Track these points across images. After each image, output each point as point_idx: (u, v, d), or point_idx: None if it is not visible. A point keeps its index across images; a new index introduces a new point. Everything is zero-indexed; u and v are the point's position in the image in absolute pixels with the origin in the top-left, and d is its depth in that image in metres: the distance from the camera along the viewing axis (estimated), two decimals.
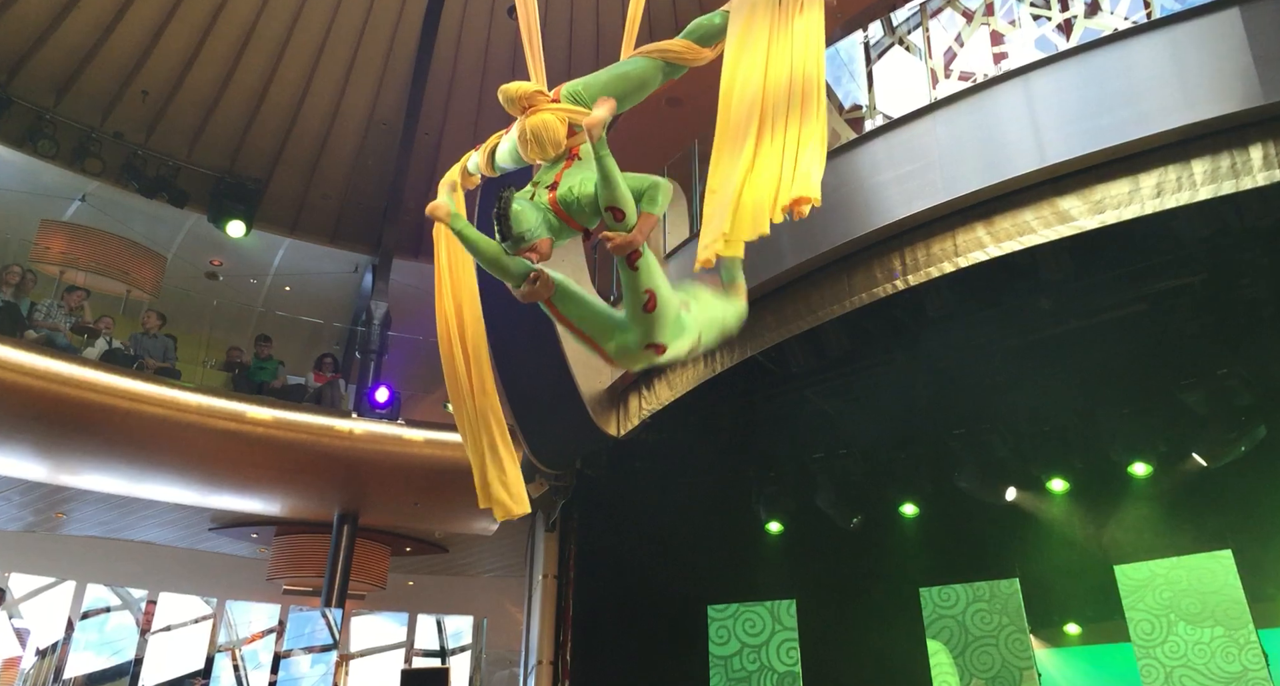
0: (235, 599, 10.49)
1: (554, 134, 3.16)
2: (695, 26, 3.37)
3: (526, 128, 3.17)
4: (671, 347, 3.07)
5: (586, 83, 3.31)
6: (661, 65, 3.36)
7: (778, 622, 9.03)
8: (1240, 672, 6.96)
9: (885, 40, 8.70)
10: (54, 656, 9.07)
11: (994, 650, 8.22)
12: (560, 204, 3.06)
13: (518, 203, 3.02)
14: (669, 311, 3.01)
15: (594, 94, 3.25)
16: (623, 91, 3.32)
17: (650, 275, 2.96)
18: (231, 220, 12.06)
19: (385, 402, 11.16)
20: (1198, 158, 5.49)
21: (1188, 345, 7.48)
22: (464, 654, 11.28)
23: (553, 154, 3.20)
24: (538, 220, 3.03)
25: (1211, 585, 7.31)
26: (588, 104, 3.22)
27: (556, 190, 3.07)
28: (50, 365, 8.93)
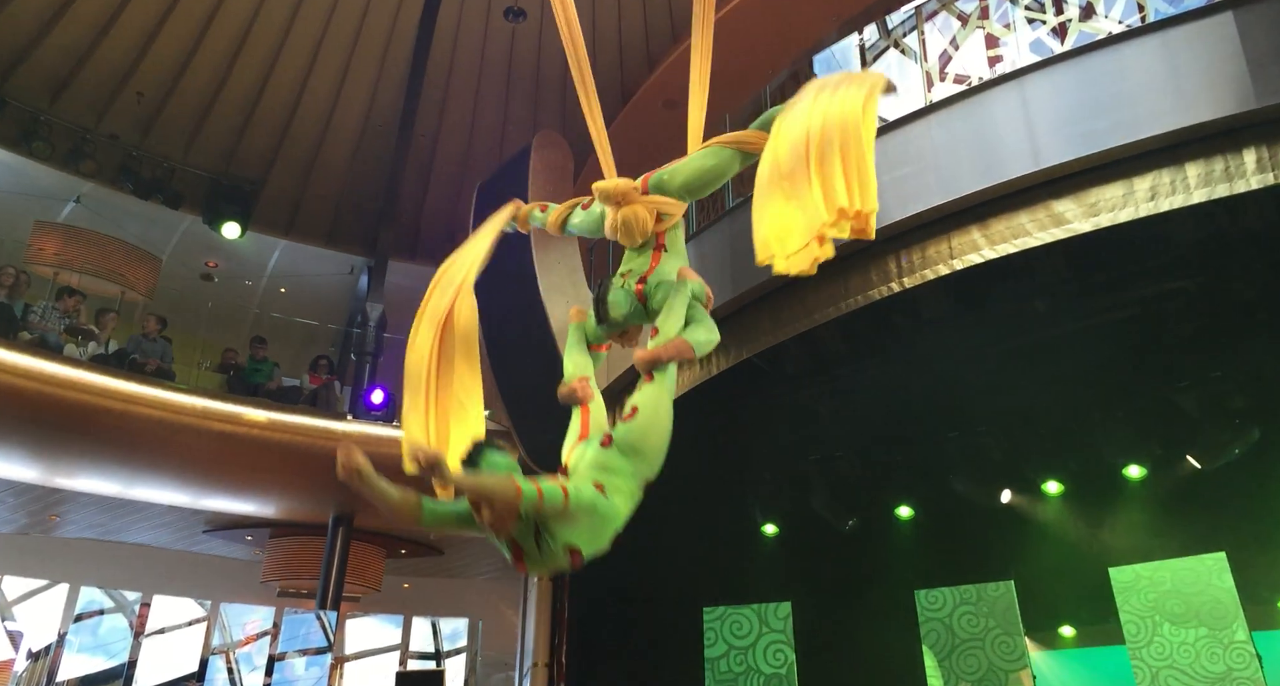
0: (230, 601, 10.46)
1: (644, 226, 3.45)
2: (769, 117, 3.51)
3: (619, 219, 3.45)
4: (633, 464, 3.03)
5: (671, 173, 3.54)
6: (738, 155, 3.55)
7: (765, 625, 9.05)
8: (1225, 673, 7.01)
9: (881, 43, 8.72)
10: (47, 659, 9.04)
11: (980, 653, 8.25)
12: (644, 295, 3.37)
13: (614, 292, 3.37)
14: (639, 432, 3.03)
15: (679, 185, 3.51)
16: (704, 182, 3.58)
17: (647, 398, 3.09)
18: (227, 222, 12.03)
19: (380, 404, 11.14)
20: (1191, 161, 5.51)
21: (1182, 348, 7.50)
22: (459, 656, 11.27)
23: (640, 242, 3.49)
24: (630, 309, 3.36)
25: (1196, 586, 7.34)
26: (671, 194, 3.49)
27: (645, 283, 3.37)
28: (44, 367, 8.90)
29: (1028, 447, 8.68)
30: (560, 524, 2.69)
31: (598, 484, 2.84)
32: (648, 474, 3.06)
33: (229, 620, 10.05)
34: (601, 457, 2.96)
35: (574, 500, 2.67)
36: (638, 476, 3.02)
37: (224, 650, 9.79)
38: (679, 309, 3.27)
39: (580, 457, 3.04)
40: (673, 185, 3.51)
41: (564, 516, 2.67)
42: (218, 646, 9.76)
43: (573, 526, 2.72)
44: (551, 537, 2.69)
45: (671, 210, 3.49)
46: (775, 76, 9.30)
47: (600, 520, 2.81)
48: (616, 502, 2.89)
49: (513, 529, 2.69)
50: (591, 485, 2.80)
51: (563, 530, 2.70)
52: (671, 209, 3.49)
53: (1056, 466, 8.68)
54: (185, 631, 9.65)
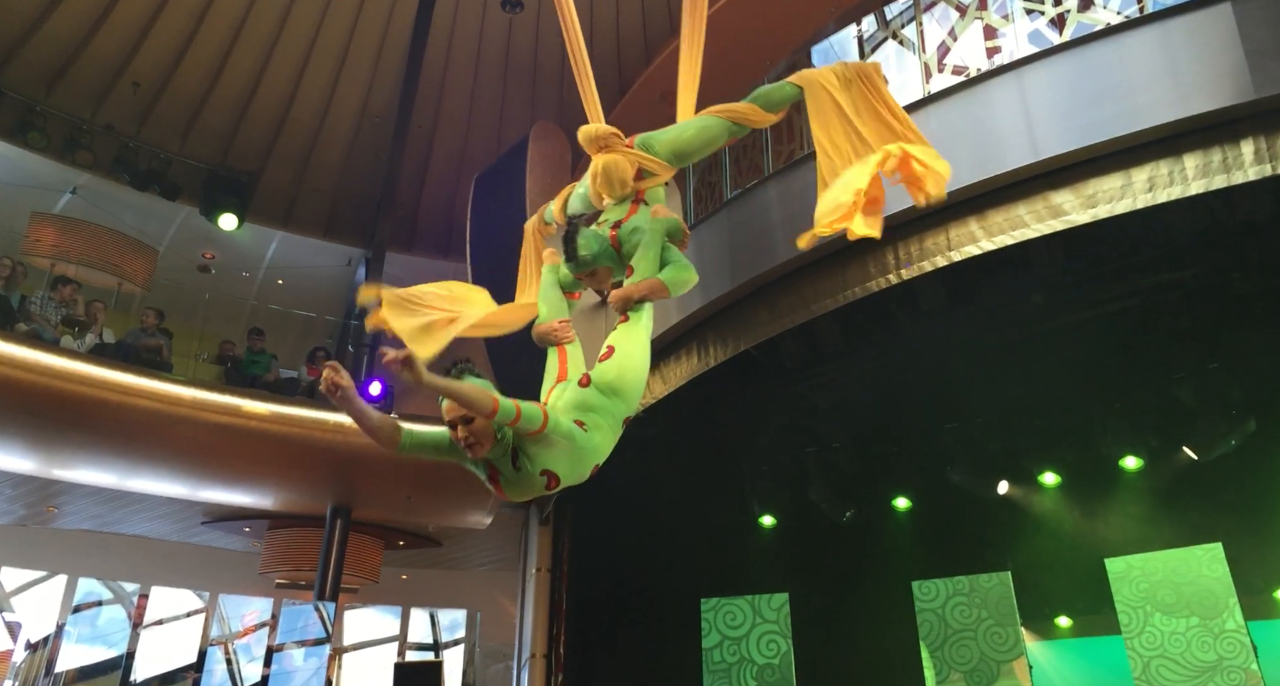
0: (228, 592, 10.46)
1: (623, 173, 3.40)
2: (763, 93, 3.51)
3: (599, 165, 3.43)
4: (598, 385, 3.02)
5: (657, 135, 3.52)
6: (729, 126, 3.51)
7: (758, 615, 9.11)
8: (1216, 662, 7.07)
9: (879, 34, 8.70)
10: (45, 650, 9.05)
11: (973, 643, 8.30)
12: (618, 240, 3.33)
13: (584, 232, 3.30)
14: (615, 371, 3.03)
15: (664, 145, 3.48)
16: (692, 150, 3.54)
17: (622, 338, 3.11)
18: (224, 213, 12.00)
19: (378, 396, 11.13)
20: (1189, 152, 5.52)
21: (1179, 339, 7.52)
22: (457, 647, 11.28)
23: (620, 193, 3.44)
24: (601, 249, 3.30)
25: (1187, 576, 7.39)
26: (657, 154, 3.46)
27: (619, 229, 3.33)
28: (41, 358, 8.89)
29: (1025, 439, 8.70)
30: (538, 447, 2.69)
31: (577, 421, 2.84)
32: (626, 411, 3.06)
33: (227, 611, 10.05)
34: (579, 397, 2.96)
35: (552, 424, 2.66)
36: (617, 414, 3.02)
37: (222, 641, 9.80)
38: (654, 248, 3.24)
39: (559, 398, 3.03)
40: (659, 146, 3.48)
41: (542, 440, 2.67)
42: (216, 637, 9.77)
43: (551, 451, 2.71)
44: (529, 460, 2.70)
45: (654, 169, 3.46)
46: (773, 68, 9.29)
47: (579, 451, 2.81)
48: (596, 439, 2.88)
49: (490, 450, 2.70)
50: (571, 422, 2.80)
51: (540, 453, 2.70)
52: (655, 168, 3.46)
53: (1053, 458, 8.70)
54: (184, 622, 9.65)
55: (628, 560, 9.58)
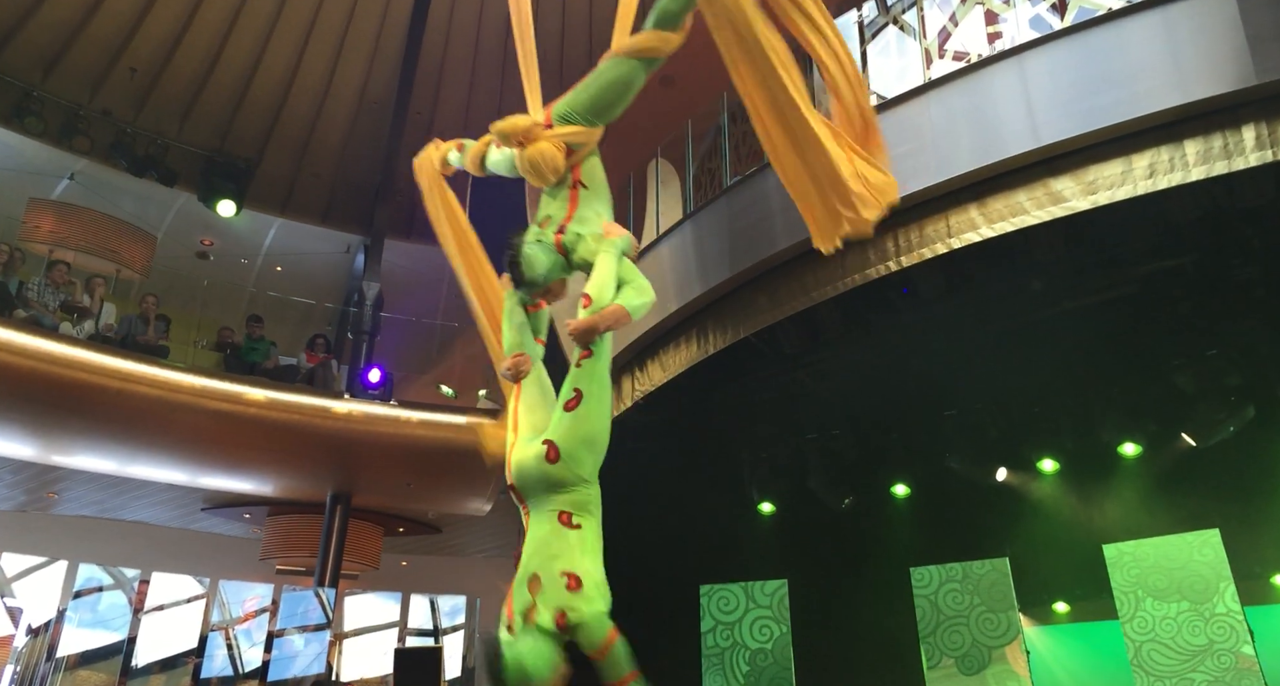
0: (228, 578, 10.50)
1: (553, 163, 3.21)
2: (659, 11, 3.29)
3: (525, 160, 3.23)
4: (565, 467, 2.91)
5: (572, 101, 3.32)
6: (640, 63, 3.31)
7: (752, 600, 9.19)
8: (1206, 645, 7.13)
9: (879, 19, 8.65)
10: (47, 635, 9.09)
11: (964, 629, 8.38)
12: (564, 247, 3.15)
13: (528, 247, 3.11)
14: (588, 421, 2.91)
15: (583, 110, 3.28)
16: (609, 100, 3.32)
17: (589, 379, 2.93)
18: (222, 200, 11.98)
19: (378, 383, 11.15)
20: (1190, 138, 5.49)
21: (1178, 326, 7.52)
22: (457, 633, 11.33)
23: (553, 180, 3.26)
24: (550, 263, 3.13)
25: (1178, 561, 7.46)
26: (579, 121, 3.26)
27: (564, 234, 3.15)
28: (40, 344, 8.89)
29: (1023, 426, 8.71)
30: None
31: (575, 523, 2.88)
32: (597, 465, 2.98)
33: (228, 597, 10.09)
34: (549, 475, 2.91)
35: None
36: (591, 478, 2.96)
37: (223, 627, 9.84)
38: (609, 271, 3.01)
39: (521, 457, 2.98)
40: (578, 111, 3.28)
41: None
42: (217, 623, 9.81)
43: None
44: None
45: (581, 139, 3.25)
46: None
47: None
48: (592, 537, 2.96)
49: None
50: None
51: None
52: (581, 138, 3.25)
53: (1052, 444, 8.71)
54: (184, 608, 9.69)
55: (626, 547, 9.54)
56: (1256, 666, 6.91)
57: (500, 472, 3.14)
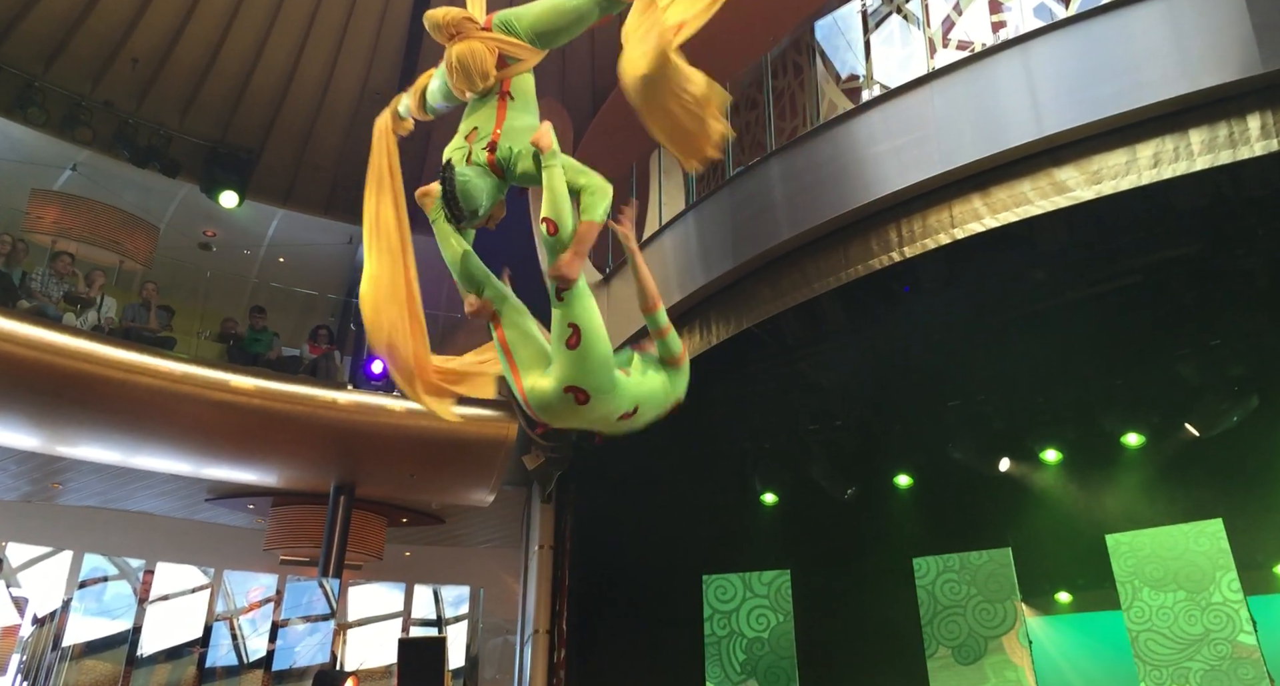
0: (233, 568, 10.55)
1: (481, 64, 3.01)
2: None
3: (453, 56, 3.03)
4: (598, 402, 2.79)
5: (519, 13, 3.12)
6: (598, 0, 3.12)
7: (749, 590, 9.24)
8: (1203, 634, 7.17)
9: (883, 9, 8.61)
10: (52, 624, 9.13)
11: (961, 619, 8.44)
12: (499, 166, 2.96)
13: (462, 173, 2.88)
14: (595, 353, 2.75)
15: (527, 25, 3.09)
16: (558, 26, 3.13)
17: (578, 309, 2.76)
18: (224, 190, 11.97)
19: (381, 374, 11.14)
20: (1195, 127, 5.47)
21: (1182, 316, 7.50)
22: (461, 623, 11.38)
23: (481, 86, 3.05)
24: (491, 190, 2.94)
25: (1174, 552, 7.49)
26: (520, 34, 3.07)
27: (496, 152, 2.95)
28: (44, 335, 8.90)
29: (1026, 416, 8.71)
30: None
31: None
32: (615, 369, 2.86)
33: (232, 587, 10.14)
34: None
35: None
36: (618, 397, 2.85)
37: (227, 616, 9.89)
38: (562, 188, 2.80)
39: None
40: (521, 23, 3.09)
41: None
42: (221, 613, 9.86)
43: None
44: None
45: (518, 54, 3.06)
46: (776, 43, 9.21)
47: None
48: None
49: None
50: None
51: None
52: (518, 52, 3.06)
53: (1055, 435, 8.71)
54: (189, 598, 9.74)
55: (630, 537, 9.62)
56: (1254, 655, 6.94)
57: (503, 463, 3.11)
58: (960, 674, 8.27)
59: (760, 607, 9.22)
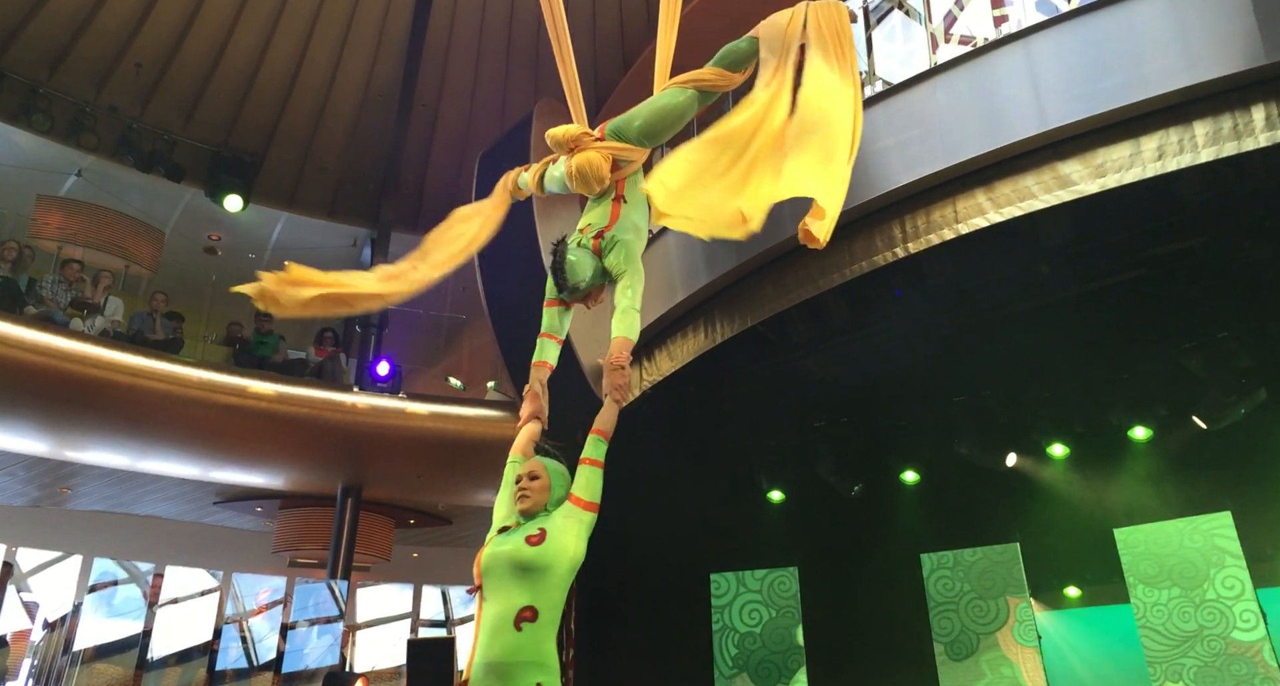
0: (241, 571, 10.58)
1: (599, 172, 3.31)
2: (726, 52, 3.45)
3: (573, 167, 3.33)
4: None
5: (628, 118, 3.43)
6: (697, 95, 3.46)
7: (742, 585, 9.28)
8: (1196, 631, 7.17)
9: (884, 5, 8.61)
10: (63, 629, 9.17)
11: (954, 615, 8.46)
12: (599, 249, 3.25)
13: (573, 252, 3.19)
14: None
15: (636, 130, 3.40)
16: (662, 126, 3.45)
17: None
18: (229, 195, 12.00)
19: (386, 376, 11.17)
20: (1199, 119, 5.45)
21: (1188, 309, 7.48)
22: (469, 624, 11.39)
23: (598, 190, 3.36)
24: (592, 269, 3.22)
25: (1170, 547, 7.50)
26: (631, 140, 3.38)
27: (601, 239, 3.26)
28: (51, 341, 8.94)
29: (1033, 411, 8.69)
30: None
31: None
32: None
33: (241, 590, 10.17)
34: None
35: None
36: None
37: (237, 619, 9.92)
38: (629, 307, 3.13)
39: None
40: (630, 130, 3.40)
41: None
42: (231, 615, 9.89)
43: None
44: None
45: (629, 156, 3.38)
46: None
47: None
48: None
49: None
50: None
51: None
52: (629, 155, 3.38)
53: (1062, 429, 8.69)
54: (198, 601, 9.77)
55: (637, 536, 9.61)
56: (1247, 652, 6.96)
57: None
58: (954, 670, 8.30)
59: (753, 602, 9.28)
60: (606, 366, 3.06)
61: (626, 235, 3.28)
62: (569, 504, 2.85)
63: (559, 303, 3.35)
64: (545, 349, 3.36)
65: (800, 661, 8.88)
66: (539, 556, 2.68)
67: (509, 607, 2.65)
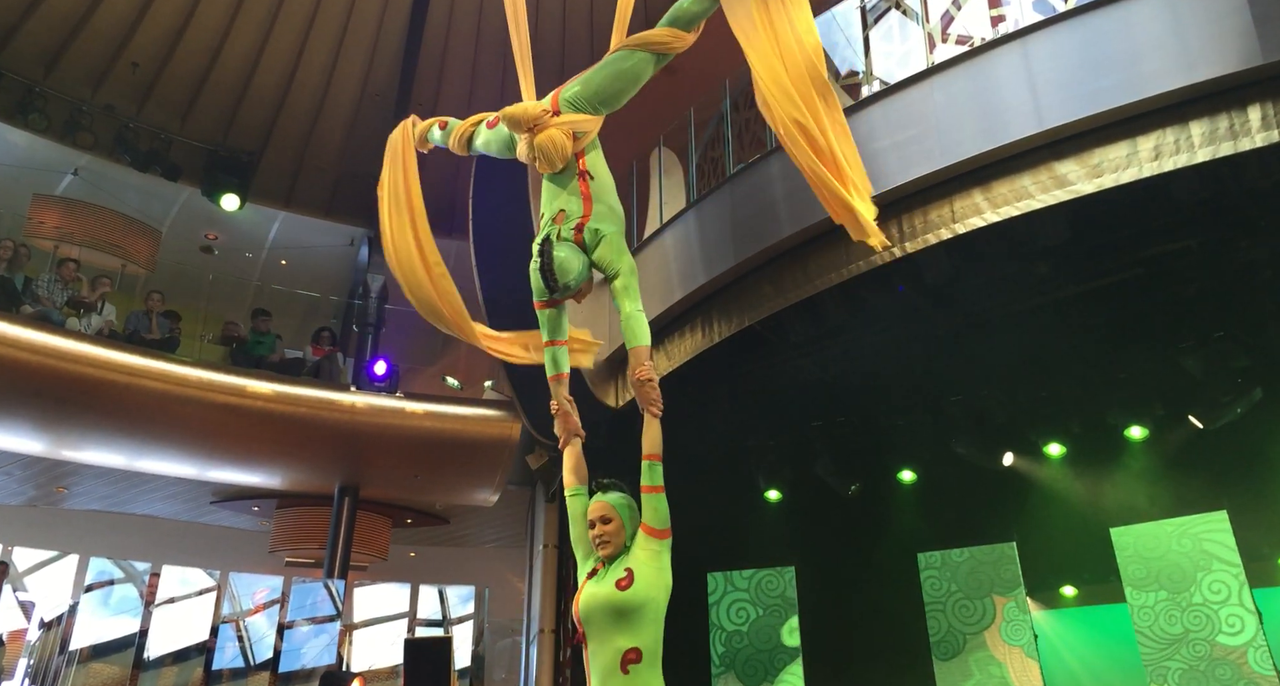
0: (238, 571, 10.56)
1: (562, 150, 3.26)
2: (677, 11, 3.38)
3: (535, 147, 3.28)
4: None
5: (581, 87, 3.37)
6: (651, 56, 3.39)
7: (729, 584, 9.31)
8: (1182, 634, 7.20)
9: (882, 4, 8.60)
10: (59, 628, 9.15)
11: (941, 616, 8.50)
12: (584, 244, 3.19)
13: (559, 249, 3.12)
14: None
15: (590, 95, 3.34)
16: (617, 90, 3.39)
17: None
18: (226, 194, 11.98)
19: (383, 375, 11.16)
20: (1196, 119, 5.46)
21: (1185, 308, 7.49)
22: (466, 623, 11.39)
23: (560, 166, 3.29)
24: (582, 263, 3.16)
25: (1158, 551, 7.52)
26: (586, 108, 3.33)
27: (583, 233, 3.19)
28: (47, 340, 8.92)
29: (1029, 410, 8.71)
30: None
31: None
32: None
33: (238, 589, 10.15)
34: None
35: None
36: None
37: (234, 619, 9.90)
38: (633, 310, 3.13)
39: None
40: (585, 97, 3.35)
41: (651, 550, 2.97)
42: (227, 615, 9.87)
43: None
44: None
45: (587, 127, 3.33)
46: None
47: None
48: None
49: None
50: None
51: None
52: (587, 125, 3.32)
53: (1058, 428, 8.72)
54: (195, 600, 9.76)
55: None
56: (1231, 656, 6.98)
57: (507, 462, 3.24)
58: (942, 670, 8.33)
59: (740, 601, 9.33)
60: (633, 382, 3.07)
61: (608, 226, 3.21)
62: (643, 535, 2.92)
63: (549, 304, 3.28)
64: (558, 359, 3.33)
65: (786, 660, 8.91)
66: (632, 598, 2.76)
67: (614, 652, 2.71)
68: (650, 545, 2.89)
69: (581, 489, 3.12)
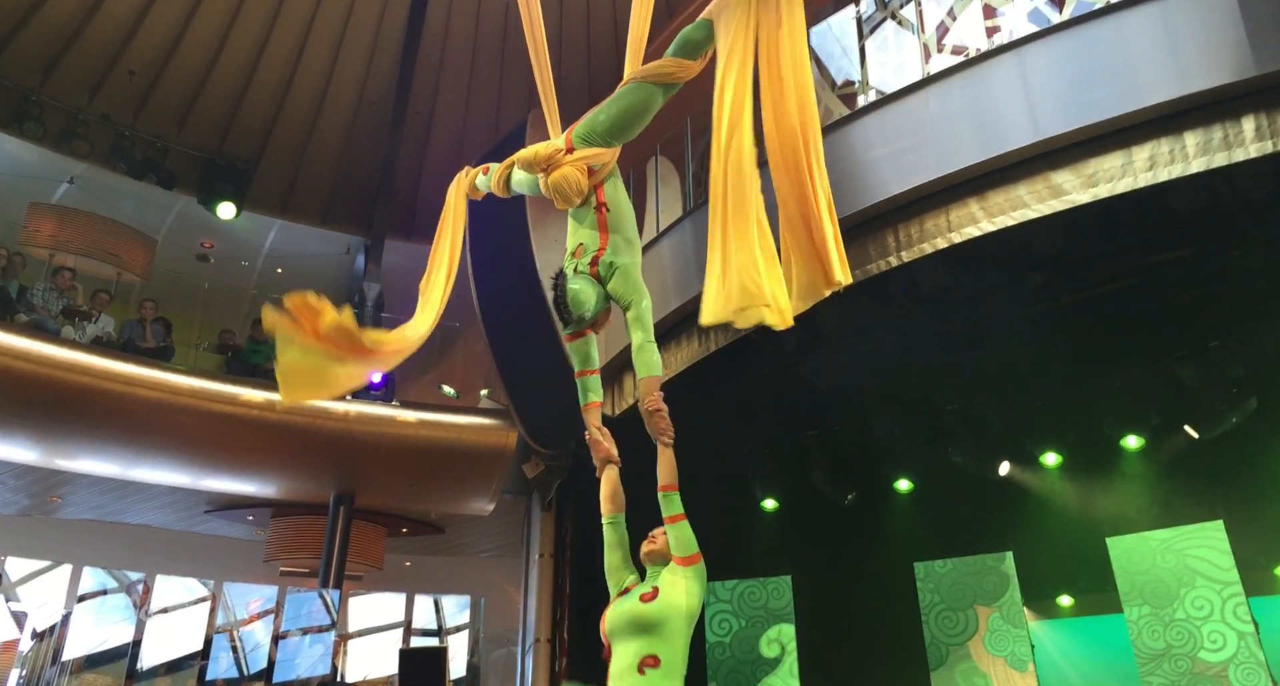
0: (232, 580, 10.51)
1: (577, 185, 3.32)
2: (681, 39, 3.41)
3: (550, 186, 3.35)
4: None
5: (594, 123, 3.42)
6: (659, 88, 3.43)
7: (713, 595, 9.30)
8: (1164, 649, 7.20)
9: (877, 15, 8.63)
10: (52, 638, 9.10)
11: (925, 627, 8.47)
12: (599, 277, 3.27)
13: (573, 281, 3.18)
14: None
15: (603, 131, 3.39)
16: (627, 122, 3.43)
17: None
18: (221, 202, 11.96)
19: (379, 384, 11.14)
20: (1190, 130, 5.49)
21: (1180, 318, 7.51)
22: (461, 633, 11.35)
23: (578, 201, 3.36)
24: (597, 295, 3.22)
25: (1143, 564, 7.53)
26: (599, 142, 3.37)
27: (598, 266, 3.26)
28: (42, 349, 8.90)
29: (1026, 420, 8.71)
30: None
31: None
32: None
33: (232, 599, 10.11)
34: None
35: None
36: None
37: (228, 628, 9.85)
38: (644, 341, 3.22)
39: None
40: (598, 132, 3.39)
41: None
42: (221, 625, 9.82)
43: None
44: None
45: (603, 159, 3.38)
46: None
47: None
48: None
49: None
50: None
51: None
52: (602, 158, 3.37)
53: (1055, 438, 8.72)
54: (189, 610, 9.71)
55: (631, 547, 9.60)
56: (1212, 671, 6.98)
57: (503, 472, 3.26)
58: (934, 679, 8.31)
59: (723, 612, 9.32)
60: (644, 412, 3.13)
61: (623, 258, 3.29)
62: (673, 564, 3.06)
63: (574, 336, 3.35)
64: (589, 388, 3.40)
65: (766, 671, 8.92)
66: (653, 612, 2.84)
67: (634, 655, 2.78)
68: (678, 570, 3.01)
69: (618, 516, 3.24)
